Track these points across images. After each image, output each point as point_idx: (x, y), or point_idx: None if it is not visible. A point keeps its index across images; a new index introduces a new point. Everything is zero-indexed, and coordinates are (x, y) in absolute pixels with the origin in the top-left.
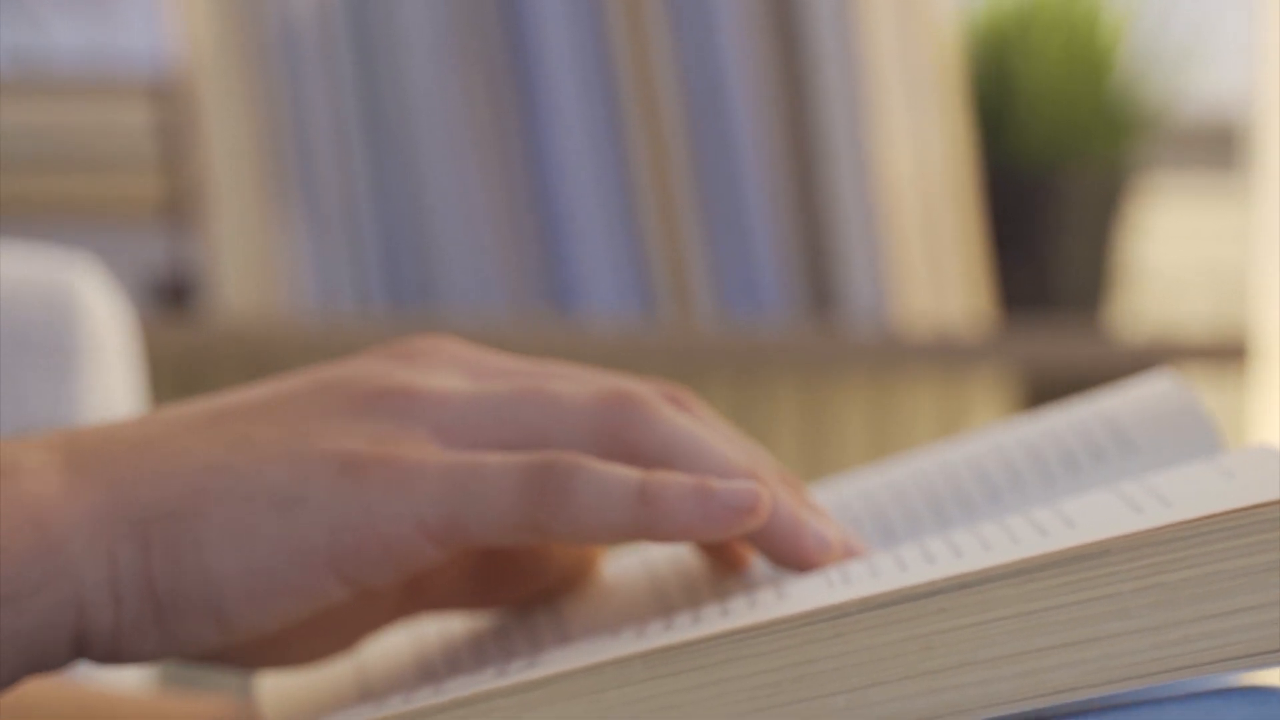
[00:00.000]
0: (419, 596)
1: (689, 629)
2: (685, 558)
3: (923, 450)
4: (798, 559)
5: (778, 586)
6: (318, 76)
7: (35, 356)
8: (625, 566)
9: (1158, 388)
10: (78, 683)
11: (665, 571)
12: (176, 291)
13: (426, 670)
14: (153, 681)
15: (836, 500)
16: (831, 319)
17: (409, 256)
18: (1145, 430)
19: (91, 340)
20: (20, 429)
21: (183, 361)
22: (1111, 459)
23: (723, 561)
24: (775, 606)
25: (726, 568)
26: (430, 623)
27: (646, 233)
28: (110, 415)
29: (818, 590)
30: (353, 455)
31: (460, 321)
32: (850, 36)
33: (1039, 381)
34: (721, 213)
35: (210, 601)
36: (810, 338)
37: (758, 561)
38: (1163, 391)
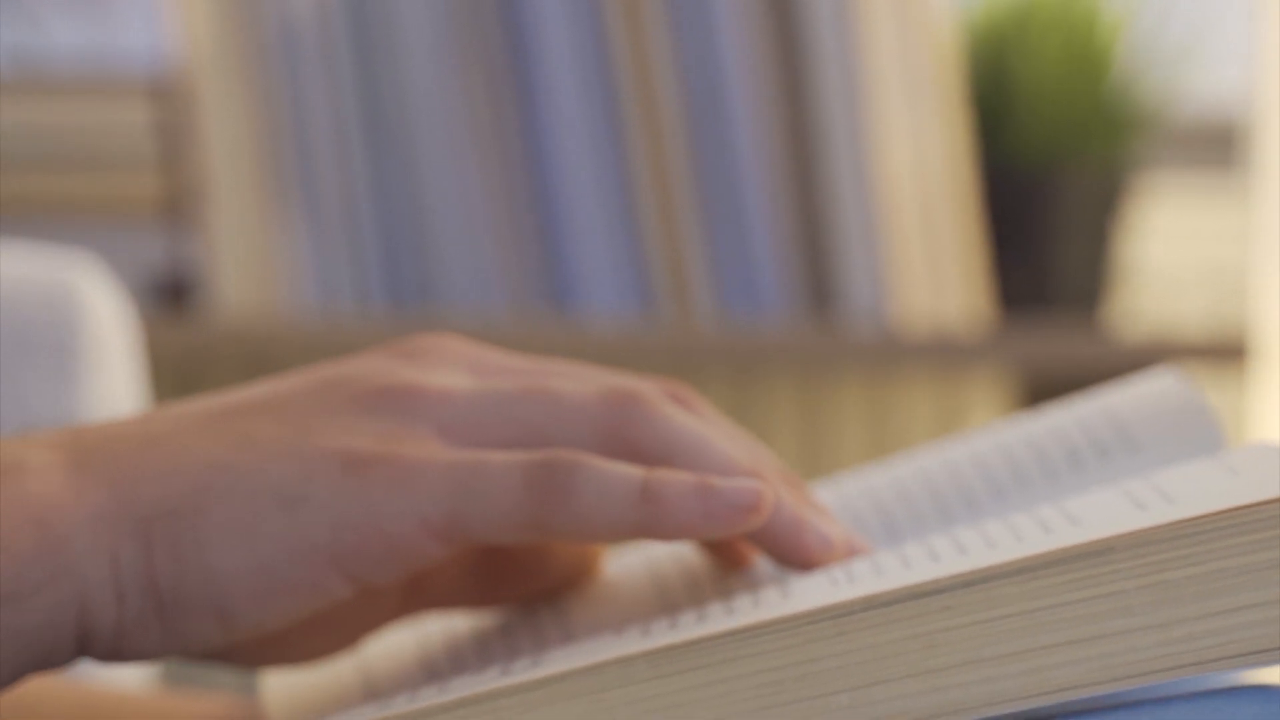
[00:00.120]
0: (421, 595)
1: (693, 628)
2: (688, 556)
3: (926, 447)
4: (800, 558)
5: (781, 585)
6: (317, 75)
7: (37, 356)
8: (628, 565)
9: (1161, 385)
10: (80, 682)
11: (668, 570)
12: (176, 290)
13: (430, 669)
14: (154, 680)
15: (839, 498)
16: (830, 318)
17: (408, 255)
18: (1149, 427)
19: (93, 339)
20: (22, 428)
21: (182, 360)
22: (1115, 456)
23: (725, 560)
24: (779, 605)
25: (729, 566)
26: (433, 621)
27: (646, 232)
28: (112, 414)
29: (821, 589)
30: (356, 453)
31: (460, 320)
32: (849, 36)
33: (1037, 381)
34: (720, 212)
35: (213, 599)
36: (809, 337)
37: (760, 560)
38: (1166, 388)
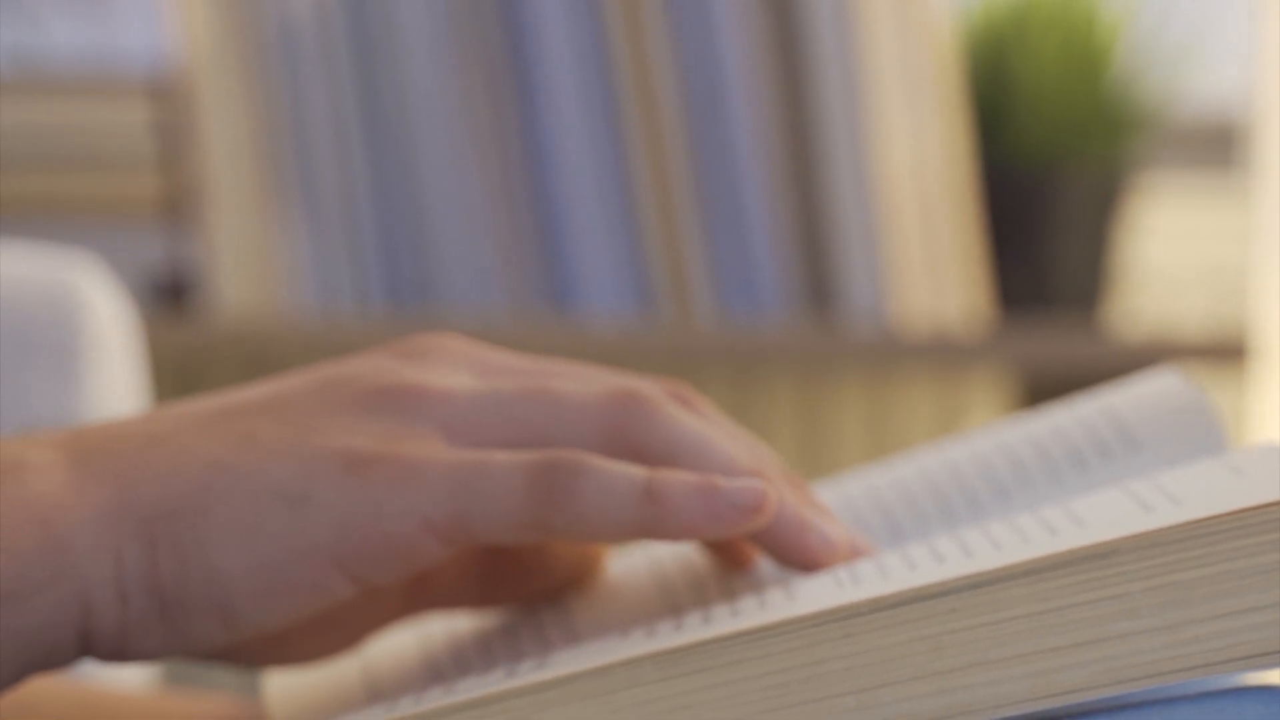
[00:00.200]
0: (424, 594)
1: (699, 629)
2: (691, 556)
3: (928, 448)
4: (803, 559)
5: (787, 586)
6: (317, 75)
7: (38, 356)
8: (630, 565)
9: (1163, 384)
10: (80, 682)
11: (672, 570)
12: (175, 290)
13: (434, 669)
14: (154, 680)
15: (842, 498)
16: (830, 318)
17: (408, 255)
18: (1151, 427)
19: (94, 339)
20: (22, 428)
21: (181, 360)
22: (1118, 456)
23: (727, 560)
24: (785, 607)
25: (731, 567)
26: (436, 621)
27: (645, 232)
28: (112, 414)
29: (827, 590)
30: (358, 453)
31: (459, 320)
32: (849, 36)
33: (1036, 381)
34: (720, 212)
35: (216, 599)
36: (808, 336)
37: (764, 561)
38: (1168, 388)
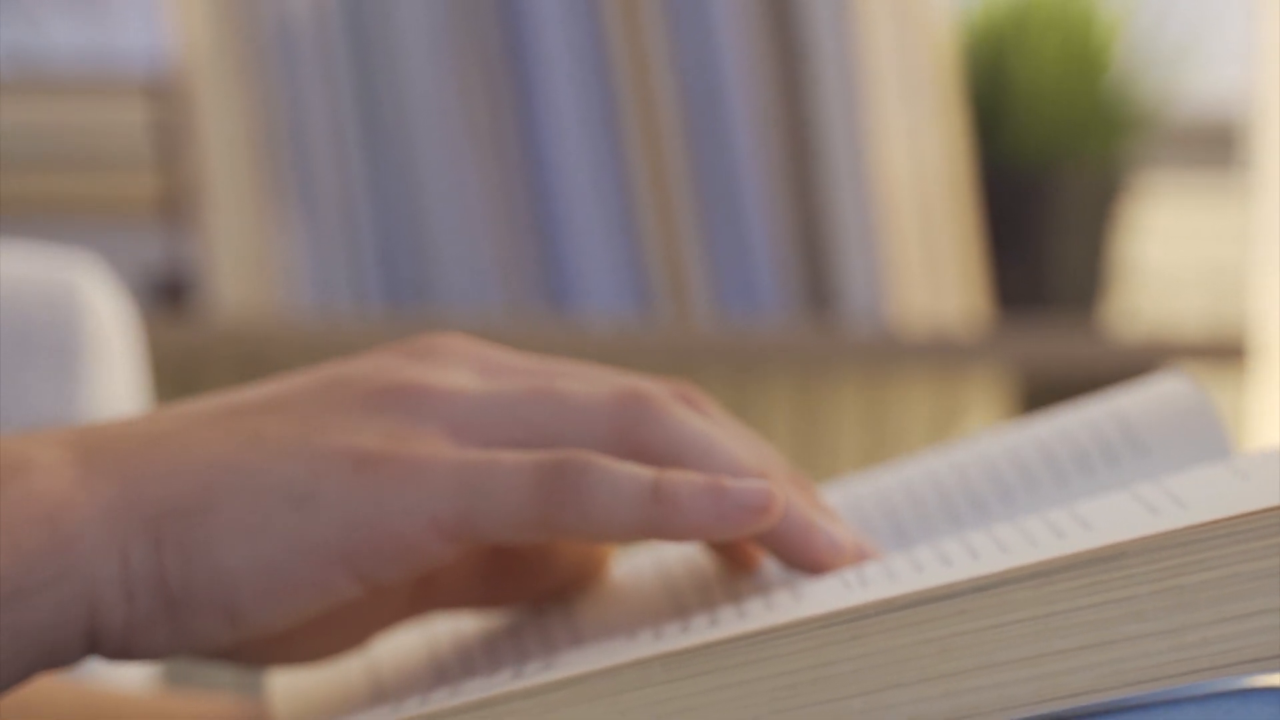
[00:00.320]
0: (429, 594)
1: (706, 631)
2: (696, 557)
3: (934, 451)
4: (809, 561)
5: (794, 588)
6: (314, 75)
7: (38, 356)
8: (636, 566)
9: (1169, 388)
10: (82, 682)
11: (677, 571)
12: (173, 290)
13: (439, 670)
14: (154, 681)
15: (848, 500)
16: (828, 318)
17: (406, 255)
18: (1157, 430)
19: (94, 339)
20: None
21: (179, 360)
22: (1124, 459)
23: (734, 562)
24: (792, 608)
25: (737, 568)
26: (441, 621)
27: (643, 232)
28: (113, 414)
29: (834, 592)
30: (365, 452)
31: (457, 320)
32: (847, 36)
33: (1035, 381)
34: (718, 212)
35: (222, 598)
36: (807, 336)
37: (769, 562)
38: (1174, 391)
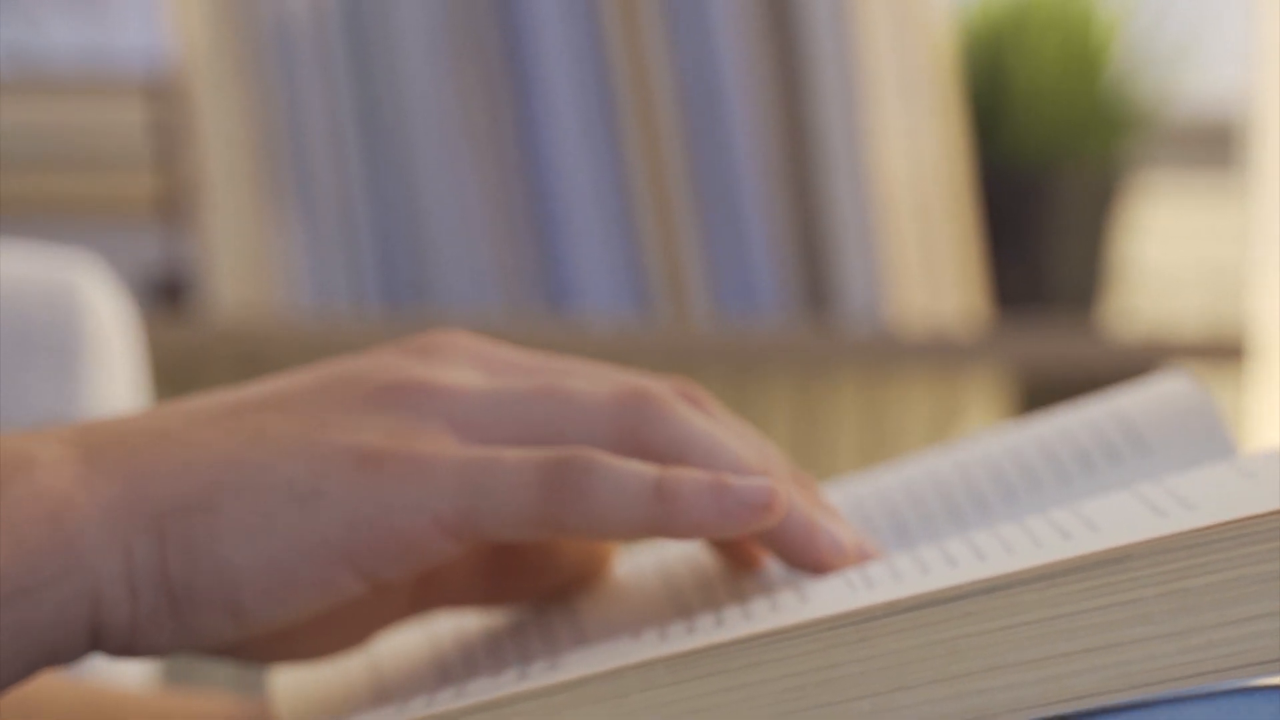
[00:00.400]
0: (432, 592)
1: (712, 632)
2: (699, 557)
3: (936, 450)
4: (811, 560)
5: (799, 589)
6: (313, 75)
7: (38, 355)
8: (638, 565)
9: (1171, 387)
10: (84, 681)
11: (680, 571)
12: (171, 289)
13: (442, 669)
14: (153, 678)
15: (850, 499)
16: (826, 317)
17: (404, 255)
18: (1159, 430)
19: (94, 339)
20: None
21: (177, 360)
22: (1126, 459)
23: (736, 562)
24: (798, 610)
25: (739, 568)
26: (443, 620)
27: (642, 232)
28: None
29: (840, 593)
30: (369, 449)
31: (455, 320)
32: (846, 36)
33: (1034, 380)
34: (717, 212)
35: (226, 595)
36: (805, 336)
37: (772, 563)
38: (1176, 391)
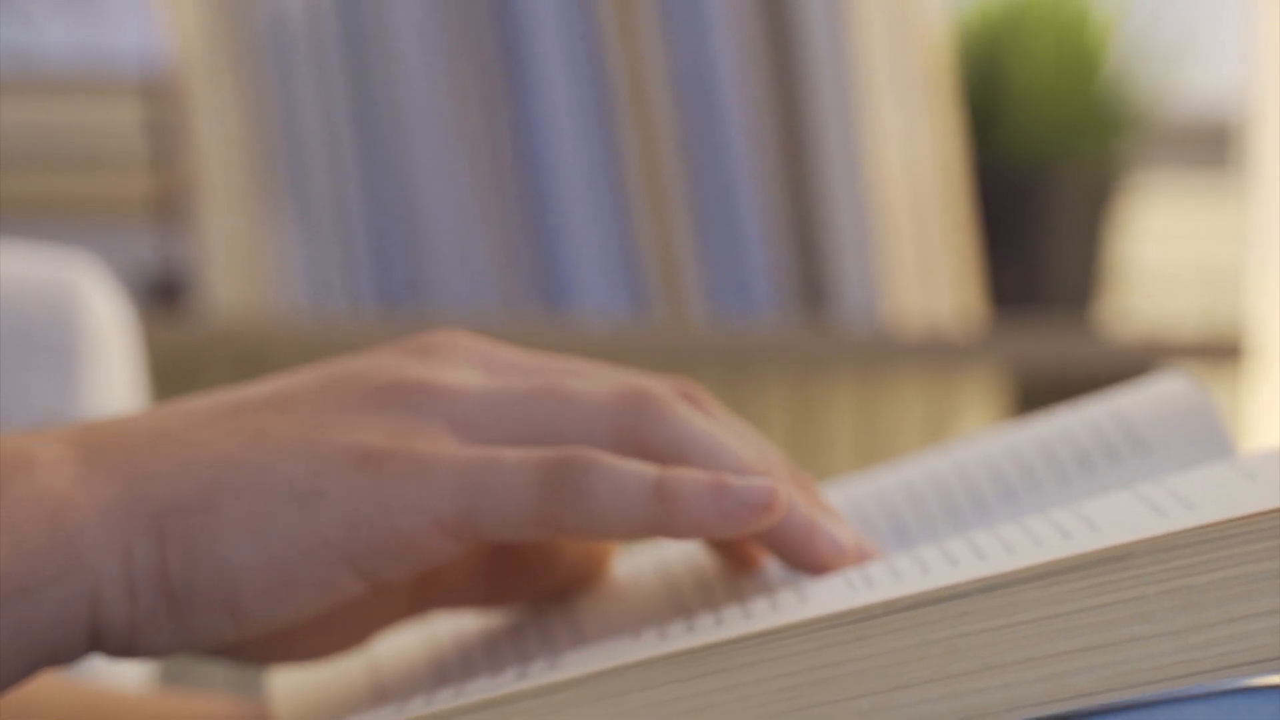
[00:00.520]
0: (431, 592)
1: (711, 631)
2: (698, 557)
3: (933, 450)
4: (811, 561)
5: (798, 589)
6: (308, 75)
7: (37, 355)
8: (637, 565)
9: (1170, 387)
10: (82, 681)
11: (678, 571)
12: (167, 289)
13: (441, 669)
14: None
15: (849, 500)
16: (822, 317)
17: (400, 255)
18: (1158, 430)
19: (93, 339)
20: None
21: (174, 360)
22: (1125, 459)
23: (736, 562)
24: (797, 609)
25: (739, 568)
26: (442, 620)
27: (638, 231)
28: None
29: (839, 592)
30: (369, 449)
31: (452, 320)
32: (841, 36)
33: (1030, 380)
34: (713, 211)
35: (225, 595)
36: (801, 336)
37: (771, 563)
38: (1175, 391)
